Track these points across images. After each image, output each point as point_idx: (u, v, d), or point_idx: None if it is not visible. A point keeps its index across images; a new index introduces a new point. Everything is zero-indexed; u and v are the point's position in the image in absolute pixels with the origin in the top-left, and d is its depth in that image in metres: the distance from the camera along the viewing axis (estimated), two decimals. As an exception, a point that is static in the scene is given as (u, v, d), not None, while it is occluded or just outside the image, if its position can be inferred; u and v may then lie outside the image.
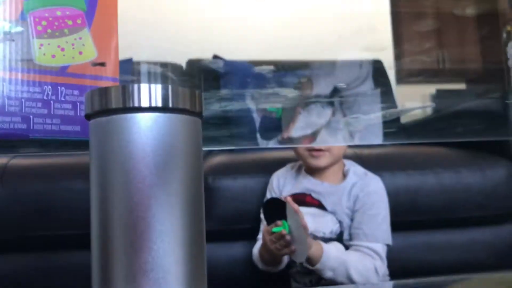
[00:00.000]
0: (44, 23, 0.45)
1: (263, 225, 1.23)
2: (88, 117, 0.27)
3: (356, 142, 1.20)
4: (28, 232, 1.23)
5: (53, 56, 0.46)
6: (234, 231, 1.27)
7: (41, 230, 1.23)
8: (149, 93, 0.25)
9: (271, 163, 1.36)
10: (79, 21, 0.47)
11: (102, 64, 0.46)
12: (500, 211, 1.41)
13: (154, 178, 0.25)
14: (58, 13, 0.46)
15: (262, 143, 0.90)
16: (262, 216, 1.25)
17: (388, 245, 1.15)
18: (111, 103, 0.26)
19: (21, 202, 1.23)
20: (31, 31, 0.45)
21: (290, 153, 1.33)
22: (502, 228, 1.42)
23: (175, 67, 1.45)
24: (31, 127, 0.44)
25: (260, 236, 1.23)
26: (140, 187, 0.25)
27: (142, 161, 0.25)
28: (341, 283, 1.07)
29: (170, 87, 0.26)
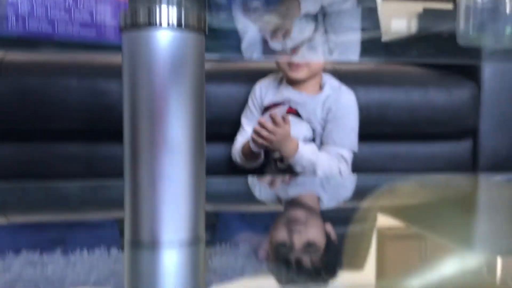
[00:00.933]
0: None
1: (243, 129, 1.35)
2: (122, 29, 0.36)
3: (334, 58, 1.28)
4: (25, 124, 1.31)
5: (73, -31, 0.53)
6: (216, 134, 1.38)
7: (37, 123, 1.32)
8: (168, 14, 0.35)
9: (254, 72, 1.45)
10: None
11: None
12: (460, 128, 1.54)
13: (171, 75, 0.35)
14: None
15: (247, 54, 0.96)
16: (242, 120, 1.36)
17: (354, 152, 1.28)
18: (140, 20, 0.35)
19: (19, 95, 1.30)
20: None
21: (272, 64, 1.41)
22: (461, 144, 1.56)
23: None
24: (55, 30, 0.53)
25: (238, 136, 1.34)
26: (160, 81, 0.35)
27: (162, 64, 0.35)
28: None
29: (183, 10, 0.35)
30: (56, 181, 1.30)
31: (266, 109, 1.32)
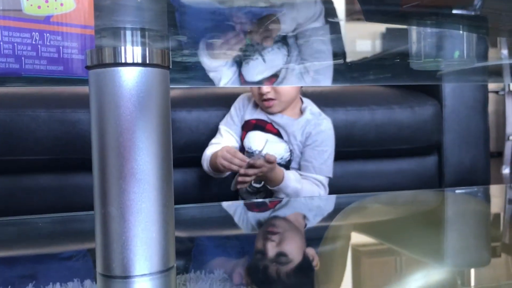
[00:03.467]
0: (30, -22, 0.54)
1: (220, 135, 1.35)
2: (88, 68, 0.38)
3: (309, 83, 1.31)
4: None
5: (39, 7, 0.54)
6: (188, 158, 1.39)
7: (6, 155, 1.31)
8: (132, 52, 0.36)
9: (224, 97, 1.47)
10: (59, -24, 0.55)
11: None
12: (426, 144, 1.58)
13: (137, 111, 0.36)
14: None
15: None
16: (221, 127, 1.37)
17: (329, 178, 1.32)
18: (106, 59, 0.36)
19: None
20: (20, -15, 0.53)
21: (242, 88, 1.44)
22: (426, 159, 1.61)
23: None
24: (23, 67, 0.54)
25: (214, 141, 1.35)
26: (127, 117, 0.36)
27: (129, 100, 0.36)
28: None
29: (147, 48, 0.37)
30: (27, 214, 1.28)
31: (246, 122, 1.34)
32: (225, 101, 1.44)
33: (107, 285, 0.38)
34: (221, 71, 0.77)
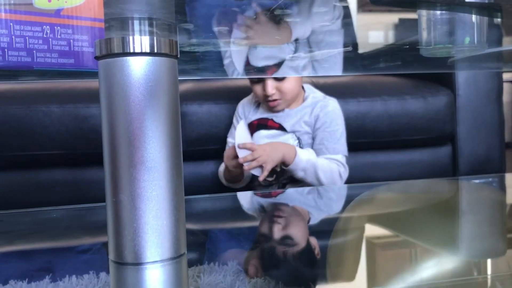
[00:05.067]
0: (40, -29, 0.54)
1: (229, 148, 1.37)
2: (98, 58, 0.38)
3: (319, 74, 1.31)
4: (8, 152, 1.32)
5: (49, 0, 0.55)
6: (199, 151, 1.40)
7: (20, 150, 1.32)
8: (140, 42, 0.37)
9: (235, 90, 1.47)
10: (69, -30, 0.56)
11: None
12: (439, 135, 1.57)
13: (146, 100, 0.37)
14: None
15: (229, 72, 0.96)
16: (228, 140, 1.38)
17: (346, 156, 1.32)
18: (114, 49, 0.37)
19: (1, 123, 1.30)
20: (30, -21, 0.54)
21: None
22: (439, 150, 1.59)
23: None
24: (35, 60, 0.54)
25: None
26: (136, 106, 0.37)
27: (137, 89, 0.37)
28: (311, 184, 1.24)
29: (155, 38, 0.37)
30: (42, 208, 1.30)
31: (250, 125, 1.34)
32: (236, 94, 1.44)
33: (119, 272, 0.38)
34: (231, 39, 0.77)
